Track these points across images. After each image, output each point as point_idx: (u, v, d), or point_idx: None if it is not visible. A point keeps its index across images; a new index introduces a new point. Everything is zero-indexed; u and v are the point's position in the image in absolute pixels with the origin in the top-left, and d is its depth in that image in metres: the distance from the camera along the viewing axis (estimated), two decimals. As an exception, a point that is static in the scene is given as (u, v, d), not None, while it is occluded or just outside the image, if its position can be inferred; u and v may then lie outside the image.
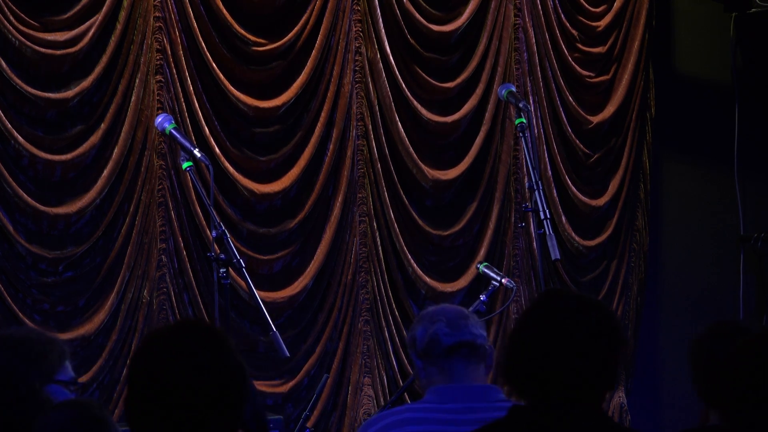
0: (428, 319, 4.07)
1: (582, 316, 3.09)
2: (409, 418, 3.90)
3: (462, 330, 4.02)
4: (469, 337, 4.01)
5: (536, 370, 3.07)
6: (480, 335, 4.04)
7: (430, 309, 4.15)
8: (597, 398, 3.11)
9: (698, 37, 9.60)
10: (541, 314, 3.13)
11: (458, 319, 4.06)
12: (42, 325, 6.64)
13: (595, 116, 8.70)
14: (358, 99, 7.74)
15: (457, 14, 8.12)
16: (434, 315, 4.08)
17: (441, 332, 4.01)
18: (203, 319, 5.68)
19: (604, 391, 3.11)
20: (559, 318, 3.09)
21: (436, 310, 4.11)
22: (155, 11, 7.03)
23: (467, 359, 3.96)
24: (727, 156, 9.54)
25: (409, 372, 7.61)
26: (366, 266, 7.73)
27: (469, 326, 4.05)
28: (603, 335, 3.08)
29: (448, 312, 4.09)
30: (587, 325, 3.08)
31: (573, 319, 3.09)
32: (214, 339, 2.71)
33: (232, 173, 7.27)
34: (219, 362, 2.68)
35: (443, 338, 3.99)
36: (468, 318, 4.07)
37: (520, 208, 8.21)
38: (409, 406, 4.04)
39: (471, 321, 4.07)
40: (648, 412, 9.02)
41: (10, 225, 6.61)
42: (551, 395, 3.06)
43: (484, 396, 3.90)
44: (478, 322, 4.09)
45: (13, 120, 6.61)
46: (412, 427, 3.87)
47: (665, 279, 9.37)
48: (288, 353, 5.51)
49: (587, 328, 3.08)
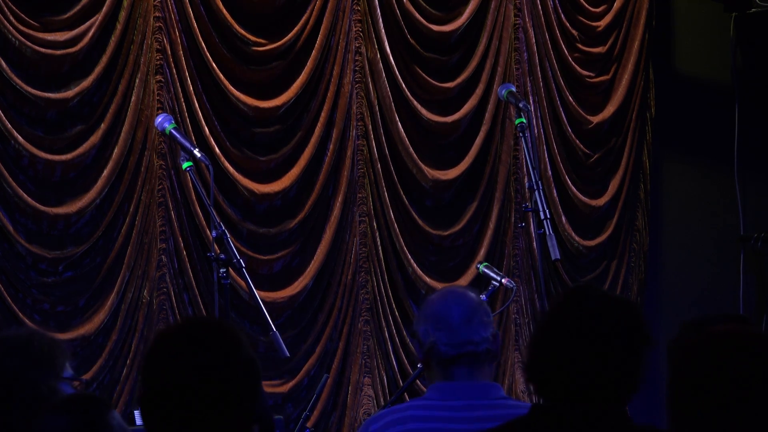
0: (432, 321, 3.98)
1: (608, 317, 3.02)
2: (412, 415, 3.89)
3: (463, 341, 3.91)
4: (470, 348, 3.90)
5: (561, 371, 3.00)
6: (484, 339, 3.92)
7: (436, 302, 3.99)
8: (621, 400, 3.05)
9: (698, 37, 9.60)
10: (567, 313, 3.04)
11: (462, 324, 3.93)
12: (42, 325, 6.64)
13: (595, 116, 8.70)
14: (358, 99, 7.74)
15: (457, 14, 8.12)
16: (439, 318, 3.95)
17: (441, 342, 3.95)
18: (214, 316, 5.68)
19: (628, 393, 3.04)
20: (585, 317, 3.01)
21: (442, 309, 3.96)
22: (155, 11, 7.03)
23: (469, 366, 3.92)
24: (727, 156, 9.53)
25: (409, 372, 7.61)
26: (366, 266, 7.73)
27: (472, 333, 3.92)
28: (629, 336, 3.01)
29: (454, 314, 3.95)
30: (614, 325, 3.01)
31: (599, 319, 3.01)
32: (227, 335, 2.71)
33: (232, 173, 7.27)
34: (233, 358, 2.68)
35: (443, 349, 3.94)
36: (472, 319, 3.93)
37: (520, 208, 8.22)
38: (411, 404, 4.02)
39: (475, 321, 3.93)
40: (648, 412, 9.02)
41: (10, 225, 6.61)
42: (575, 396, 3.00)
43: (485, 393, 3.89)
44: (484, 317, 3.95)
45: (13, 120, 6.61)
46: (415, 424, 3.87)
47: (665, 279, 9.37)
48: (288, 353, 5.50)
49: (613, 328, 3.00)
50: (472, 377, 3.90)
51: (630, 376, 3.01)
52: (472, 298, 4.00)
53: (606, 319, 2.99)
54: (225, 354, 2.67)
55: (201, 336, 2.70)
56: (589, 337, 2.98)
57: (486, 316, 3.97)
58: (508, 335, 8.13)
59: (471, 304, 3.97)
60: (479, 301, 4.02)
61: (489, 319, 3.97)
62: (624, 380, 3.01)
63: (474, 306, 3.97)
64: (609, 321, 2.99)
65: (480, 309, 3.98)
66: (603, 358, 2.97)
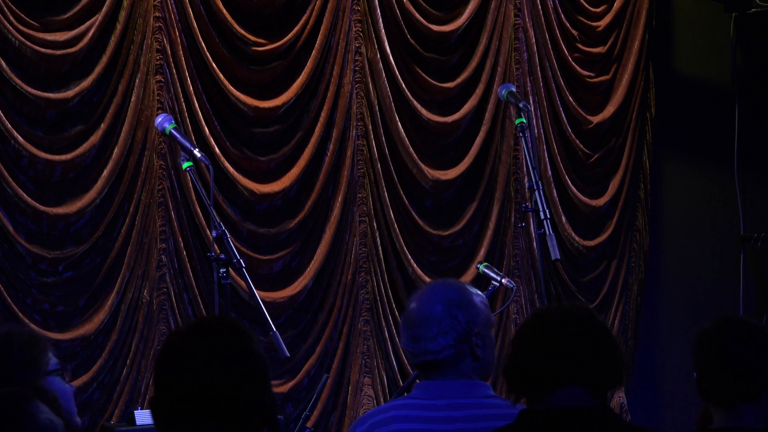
0: (403, 324, 3.93)
1: (567, 321, 3.27)
2: (395, 416, 3.86)
3: (421, 350, 3.84)
4: (429, 357, 3.84)
5: (531, 372, 3.23)
6: (444, 348, 3.82)
7: (411, 300, 3.94)
8: (597, 395, 3.22)
9: (698, 37, 9.60)
10: (531, 324, 3.32)
11: (418, 335, 3.84)
12: (42, 325, 6.64)
13: (595, 116, 8.70)
14: (358, 99, 7.74)
15: (457, 14, 8.12)
16: (405, 321, 3.90)
17: (406, 348, 3.93)
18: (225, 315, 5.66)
19: (601, 387, 3.23)
20: (546, 323, 3.27)
21: (410, 312, 3.90)
22: (155, 11, 7.03)
23: (440, 371, 3.88)
24: (727, 156, 9.54)
25: (409, 372, 7.61)
26: (366, 266, 7.73)
27: (428, 342, 3.82)
28: (584, 334, 3.24)
29: (411, 320, 3.87)
30: (570, 326, 3.25)
31: (559, 323, 3.27)
32: (239, 334, 2.70)
33: (232, 173, 7.27)
34: (245, 356, 2.67)
35: (409, 356, 3.93)
36: (433, 326, 3.82)
37: (520, 208, 8.21)
38: (394, 403, 3.98)
39: (431, 332, 3.82)
40: (648, 412, 9.02)
41: (10, 225, 6.61)
42: (547, 392, 3.21)
43: (470, 392, 3.85)
44: (446, 324, 3.82)
45: (13, 120, 6.61)
46: (398, 425, 3.84)
47: (665, 279, 9.37)
48: (288, 353, 5.51)
49: (570, 329, 3.24)
50: (449, 377, 3.86)
51: (592, 370, 3.22)
52: (445, 298, 3.89)
53: (563, 323, 3.25)
54: (238, 353, 2.66)
55: (211, 336, 2.70)
56: (551, 339, 3.24)
57: (456, 318, 3.84)
58: (508, 335, 8.13)
59: (437, 310, 3.86)
60: (457, 300, 3.89)
61: (461, 321, 3.84)
62: (587, 375, 3.22)
63: (439, 312, 3.86)
64: (565, 324, 3.25)
65: (449, 312, 3.86)
66: (563, 356, 3.21)
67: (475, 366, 3.87)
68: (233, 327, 2.72)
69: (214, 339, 2.68)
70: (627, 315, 8.84)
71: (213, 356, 2.65)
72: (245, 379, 2.65)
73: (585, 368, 3.20)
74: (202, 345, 2.67)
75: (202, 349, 2.66)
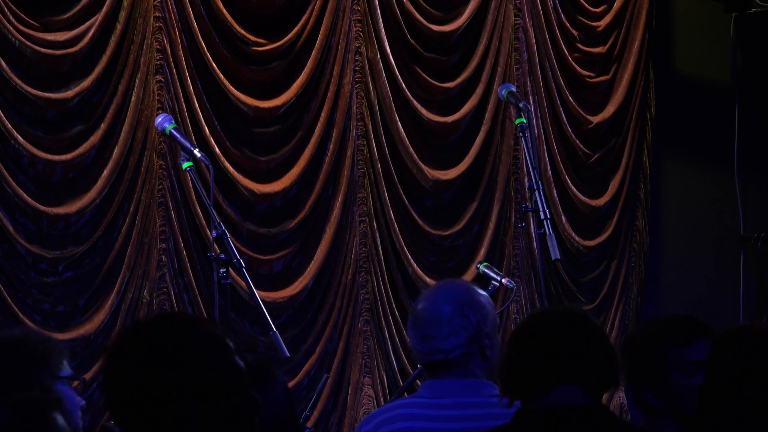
0: (411, 324, 3.93)
1: (562, 323, 3.30)
2: (400, 414, 3.87)
3: (431, 349, 3.85)
4: (440, 357, 3.85)
5: (527, 373, 3.27)
6: (454, 347, 3.83)
7: (420, 300, 3.95)
8: (593, 395, 3.25)
9: (698, 37, 9.60)
10: (527, 326, 3.37)
11: (429, 334, 3.84)
12: (42, 325, 6.64)
13: (595, 116, 8.70)
14: (358, 99, 7.74)
15: (457, 14, 8.12)
16: (414, 320, 3.91)
17: (415, 347, 3.93)
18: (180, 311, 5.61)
19: (597, 388, 3.27)
20: (542, 324, 3.31)
21: (420, 312, 3.90)
22: (155, 11, 7.03)
23: (450, 370, 3.89)
24: (727, 156, 9.54)
25: (409, 372, 7.61)
26: (366, 266, 7.73)
27: (440, 342, 3.83)
28: (579, 335, 3.27)
29: (421, 319, 3.87)
30: (566, 327, 3.29)
31: (554, 324, 3.30)
32: (185, 329, 2.63)
33: (232, 173, 7.27)
34: (196, 354, 2.60)
35: (418, 355, 3.93)
36: (444, 325, 3.82)
37: (520, 208, 8.22)
38: (400, 402, 3.99)
39: (443, 331, 3.83)
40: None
41: (10, 225, 6.61)
42: (543, 392, 3.24)
43: (475, 391, 3.86)
44: (457, 323, 3.84)
45: (13, 120, 6.61)
46: (402, 423, 3.84)
47: (665, 279, 9.37)
48: (288, 353, 5.50)
49: (566, 330, 3.28)
50: (458, 376, 3.87)
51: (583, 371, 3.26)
52: (456, 298, 3.90)
53: (559, 326, 3.29)
54: (185, 351, 2.59)
55: (159, 334, 2.63)
56: (543, 341, 3.28)
57: (468, 318, 3.86)
58: (508, 335, 8.12)
59: (448, 310, 3.87)
60: (468, 300, 3.90)
61: (472, 321, 3.86)
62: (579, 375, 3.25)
63: (450, 311, 3.87)
64: (556, 325, 3.29)
65: (460, 312, 3.87)
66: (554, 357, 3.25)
67: (483, 366, 3.89)
68: (182, 320, 2.64)
69: (159, 336, 2.61)
70: (627, 315, 8.84)
71: (160, 353, 2.57)
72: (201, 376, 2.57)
73: (581, 368, 3.23)
74: (150, 343, 2.61)
75: (150, 347, 2.60)
